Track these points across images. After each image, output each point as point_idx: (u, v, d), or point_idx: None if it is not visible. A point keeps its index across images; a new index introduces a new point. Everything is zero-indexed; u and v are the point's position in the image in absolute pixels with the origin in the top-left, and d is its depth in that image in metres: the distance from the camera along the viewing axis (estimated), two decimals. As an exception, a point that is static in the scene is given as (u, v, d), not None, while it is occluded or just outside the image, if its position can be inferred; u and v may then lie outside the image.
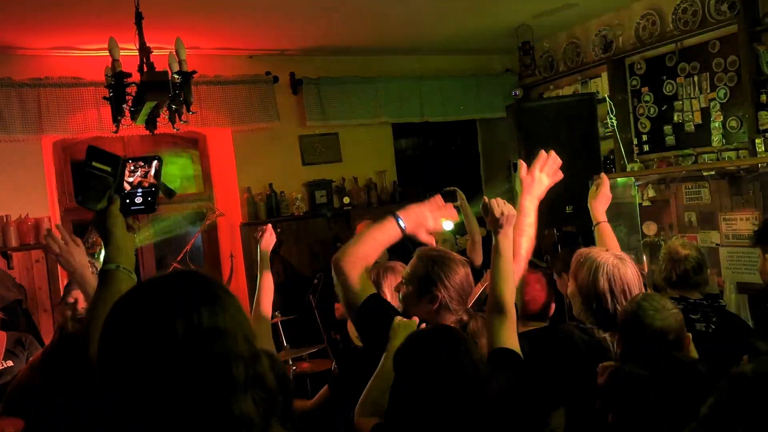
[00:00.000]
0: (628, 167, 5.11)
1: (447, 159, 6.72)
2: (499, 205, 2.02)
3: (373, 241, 2.01)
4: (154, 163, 1.39)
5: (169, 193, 1.42)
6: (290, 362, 4.15)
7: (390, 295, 2.36)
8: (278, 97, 5.51)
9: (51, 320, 4.47)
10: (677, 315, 1.89)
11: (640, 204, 4.78)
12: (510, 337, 1.93)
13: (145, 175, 1.38)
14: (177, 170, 5.74)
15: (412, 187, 6.51)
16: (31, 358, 2.77)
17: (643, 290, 2.14)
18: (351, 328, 2.48)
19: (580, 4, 5.05)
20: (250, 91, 5.38)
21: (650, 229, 4.78)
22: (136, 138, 5.23)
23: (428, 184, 6.51)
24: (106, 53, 3.61)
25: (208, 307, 0.93)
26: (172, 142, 5.57)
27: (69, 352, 1.83)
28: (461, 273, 2.05)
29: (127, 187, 1.38)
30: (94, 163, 1.37)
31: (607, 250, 2.28)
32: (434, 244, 2.09)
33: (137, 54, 3.28)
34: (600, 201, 2.57)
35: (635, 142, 5.30)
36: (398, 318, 1.95)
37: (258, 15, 4.48)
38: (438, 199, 2.08)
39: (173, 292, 0.94)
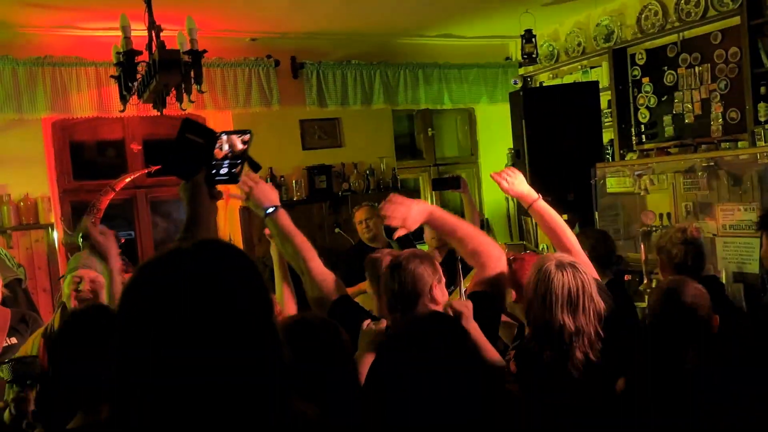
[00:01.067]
0: (627, 157, 5.15)
1: (446, 147, 6.74)
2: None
3: (300, 247, 2.06)
4: (245, 136, 1.42)
5: (255, 166, 1.46)
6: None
7: None
8: (279, 81, 5.48)
9: (50, 300, 4.46)
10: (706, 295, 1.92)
11: (638, 194, 4.81)
12: None
13: (234, 147, 1.41)
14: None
15: (411, 174, 6.53)
16: (32, 335, 2.77)
17: (583, 297, 1.90)
18: None
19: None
20: (250, 74, 5.36)
21: (648, 218, 4.82)
22: (135, 119, 5.20)
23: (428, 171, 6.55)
24: (108, 33, 3.58)
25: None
26: (171, 124, 5.54)
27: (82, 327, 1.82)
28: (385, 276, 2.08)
29: (217, 157, 1.41)
30: (187, 135, 1.39)
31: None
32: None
33: (141, 34, 3.26)
34: (514, 183, 2.34)
35: (634, 132, 5.33)
36: (366, 322, 2.00)
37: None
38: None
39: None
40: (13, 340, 2.93)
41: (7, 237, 4.43)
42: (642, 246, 4.71)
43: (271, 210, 2.04)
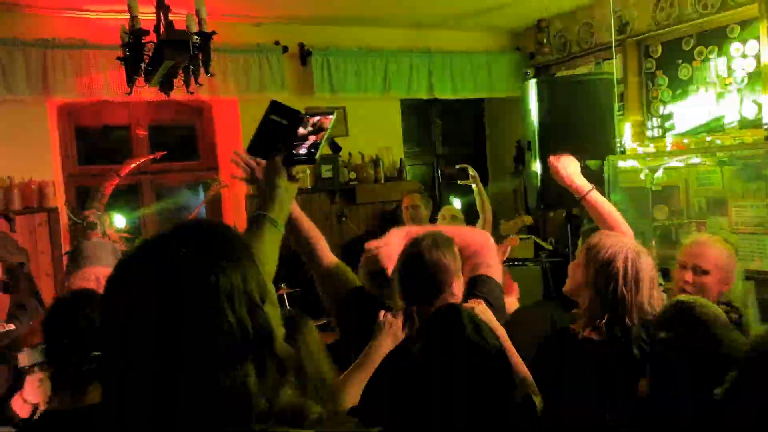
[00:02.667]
0: (640, 151, 5.06)
1: (453, 138, 6.68)
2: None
3: (311, 233, 2.04)
4: (328, 117, 1.43)
5: (336, 147, 1.48)
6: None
7: None
8: (286, 67, 5.41)
9: (53, 284, 4.42)
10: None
11: (650, 188, 4.74)
12: None
13: (315, 128, 1.42)
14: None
15: (417, 165, 6.48)
16: (32, 322, 2.73)
17: (655, 281, 1.99)
18: None
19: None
20: (258, 60, 5.28)
21: (661, 213, 4.76)
22: (141, 104, 5.14)
23: (434, 162, 6.50)
24: (115, 16, 3.51)
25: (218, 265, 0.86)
26: (176, 110, 5.49)
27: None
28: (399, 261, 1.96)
29: (298, 138, 1.43)
30: (272, 116, 1.43)
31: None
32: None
33: (148, 18, 3.20)
34: (569, 170, 2.45)
35: (648, 125, 5.25)
36: (382, 313, 1.92)
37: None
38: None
39: (177, 246, 0.87)
40: (11, 326, 2.89)
41: (10, 221, 4.38)
42: (653, 241, 4.65)
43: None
